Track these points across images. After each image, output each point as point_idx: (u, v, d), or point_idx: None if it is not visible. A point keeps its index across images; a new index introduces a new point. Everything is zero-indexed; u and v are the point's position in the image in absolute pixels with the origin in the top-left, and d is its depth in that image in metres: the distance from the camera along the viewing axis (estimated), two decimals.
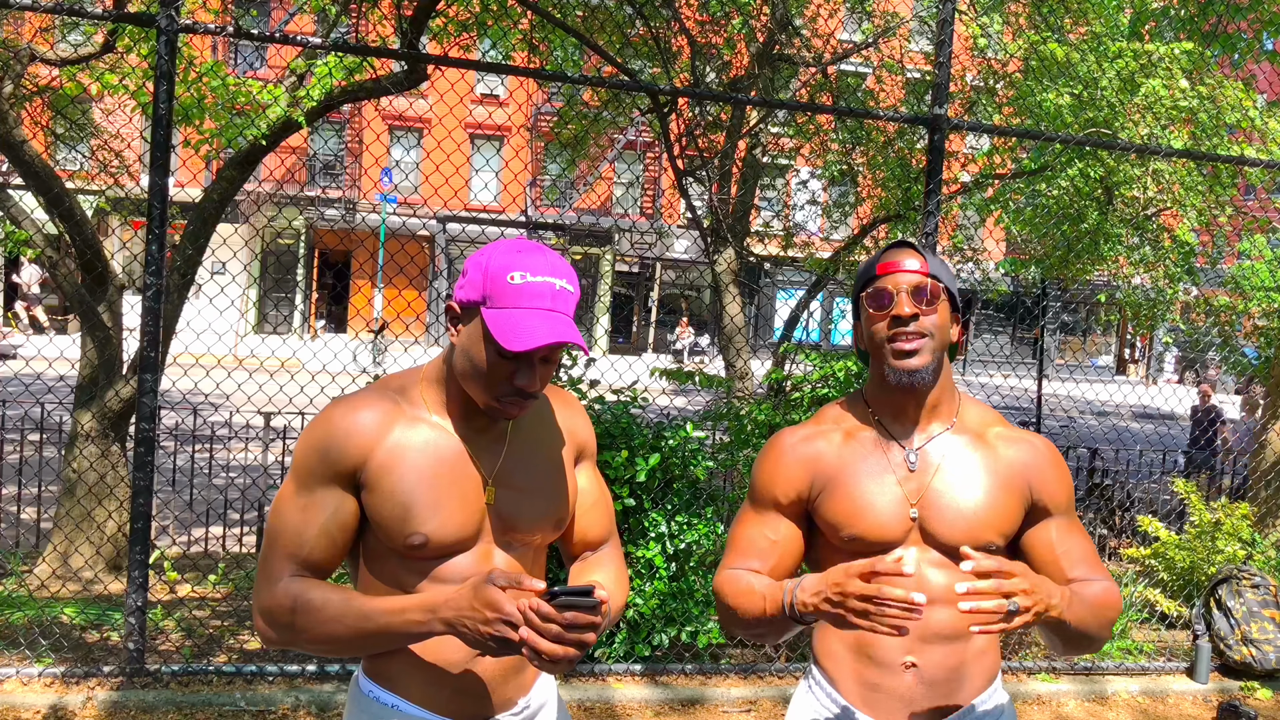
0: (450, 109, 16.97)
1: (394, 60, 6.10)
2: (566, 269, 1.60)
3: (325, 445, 1.62)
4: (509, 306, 1.54)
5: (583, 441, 1.83)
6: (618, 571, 1.81)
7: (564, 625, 1.41)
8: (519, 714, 1.72)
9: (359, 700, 1.71)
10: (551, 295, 1.56)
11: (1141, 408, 18.97)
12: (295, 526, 1.62)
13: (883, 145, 9.20)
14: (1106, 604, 1.72)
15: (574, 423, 1.83)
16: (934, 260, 1.79)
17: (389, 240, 25.40)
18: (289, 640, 1.62)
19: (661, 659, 4.71)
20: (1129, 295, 10.04)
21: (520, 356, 1.56)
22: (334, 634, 1.57)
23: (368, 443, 1.62)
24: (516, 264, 1.56)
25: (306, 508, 1.62)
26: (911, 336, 1.73)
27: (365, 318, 26.50)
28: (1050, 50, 7.27)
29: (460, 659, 1.65)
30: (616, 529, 1.90)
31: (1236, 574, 5.38)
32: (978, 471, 1.78)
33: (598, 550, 1.84)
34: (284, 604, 1.59)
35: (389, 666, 1.67)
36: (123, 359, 5.61)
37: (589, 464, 1.85)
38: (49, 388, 6.74)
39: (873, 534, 1.75)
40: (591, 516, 1.82)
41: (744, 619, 1.73)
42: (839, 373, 4.98)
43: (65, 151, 9.70)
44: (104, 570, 5.47)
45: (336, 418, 1.63)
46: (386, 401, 1.66)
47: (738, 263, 7.96)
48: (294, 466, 1.65)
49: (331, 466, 1.61)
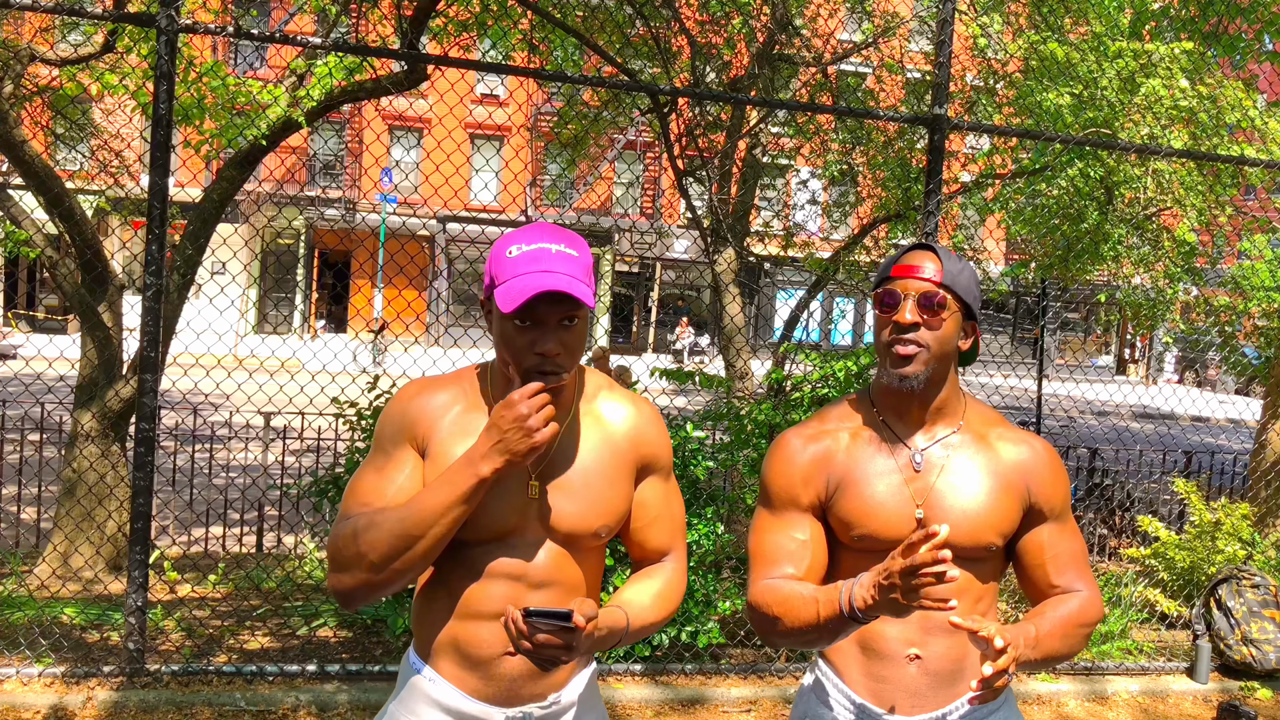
0: (450, 109, 16.99)
1: (394, 60, 6.10)
2: (568, 236, 1.65)
3: (399, 413, 1.73)
4: (509, 277, 1.60)
5: (652, 453, 1.81)
6: (666, 587, 1.81)
7: (535, 645, 1.51)
8: (549, 707, 1.75)
9: (406, 670, 1.80)
10: (547, 258, 1.60)
11: (1141, 408, 18.97)
12: (371, 483, 1.69)
13: (883, 145, 9.20)
14: (1081, 622, 1.77)
15: (645, 433, 1.80)
16: (953, 266, 1.77)
17: (389, 240, 25.42)
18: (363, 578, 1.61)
19: (662, 659, 4.71)
20: (1129, 295, 10.04)
21: (534, 323, 1.60)
22: (395, 535, 1.59)
23: (433, 415, 1.72)
24: (514, 240, 1.64)
25: (383, 467, 1.70)
26: (908, 344, 1.74)
27: (365, 318, 26.51)
28: (1050, 50, 7.26)
29: (494, 649, 1.69)
30: (683, 543, 1.88)
31: (1236, 574, 5.38)
32: (980, 473, 1.80)
33: (657, 563, 1.85)
34: (346, 534, 1.63)
35: (430, 644, 1.74)
36: (123, 359, 5.61)
37: (658, 477, 1.83)
38: (49, 388, 6.74)
39: (882, 533, 1.77)
40: (652, 530, 1.82)
41: (792, 628, 1.68)
42: (839, 373, 4.98)
43: (65, 151, 9.70)
44: (104, 570, 5.47)
45: (411, 392, 1.76)
46: (454, 385, 1.77)
47: (738, 263, 7.95)
48: (373, 441, 1.75)
49: (404, 431, 1.71)
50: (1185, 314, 11.11)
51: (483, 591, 1.68)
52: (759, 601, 1.74)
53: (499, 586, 1.68)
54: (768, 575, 1.78)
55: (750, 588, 1.79)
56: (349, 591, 1.64)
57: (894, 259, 1.80)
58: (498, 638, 1.67)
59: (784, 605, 1.70)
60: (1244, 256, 8.84)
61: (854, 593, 1.58)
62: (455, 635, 1.70)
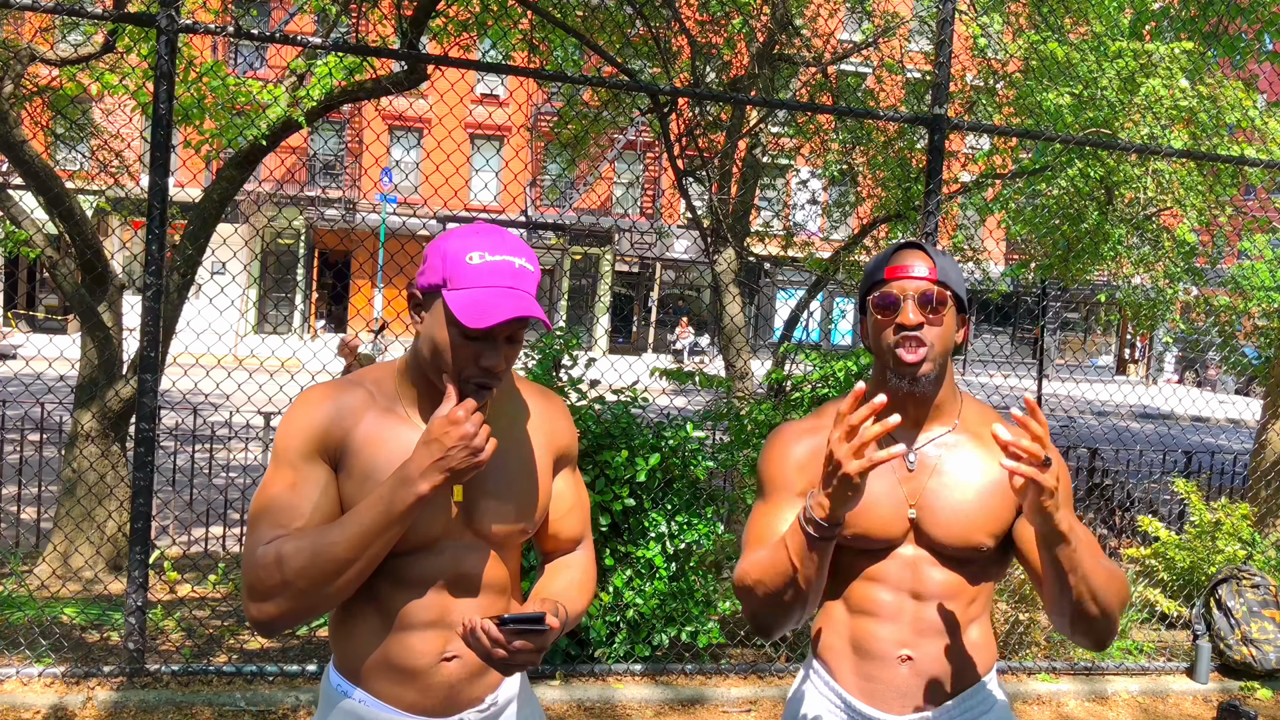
0: (450, 109, 16.99)
1: (394, 60, 6.11)
2: (525, 249, 1.60)
3: (306, 423, 1.61)
4: (469, 286, 1.54)
5: (564, 445, 1.81)
6: (584, 576, 1.81)
7: (510, 650, 1.48)
8: (486, 711, 1.72)
9: (328, 694, 1.71)
10: (511, 273, 1.55)
11: (1141, 408, 18.98)
12: (286, 503, 1.57)
13: (883, 145, 9.20)
14: (1115, 574, 1.67)
15: (556, 425, 1.80)
16: (942, 261, 1.77)
17: (389, 240, 25.41)
18: (288, 606, 1.53)
19: (662, 659, 4.71)
20: (1129, 295, 10.04)
21: (484, 336, 1.55)
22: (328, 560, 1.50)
23: (346, 424, 1.62)
24: (474, 245, 1.56)
25: (294, 484, 1.59)
26: (915, 346, 1.73)
27: (365, 317, 26.51)
28: (1050, 50, 7.26)
29: (429, 659, 1.64)
30: (591, 530, 1.90)
31: (1237, 574, 5.39)
32: (973, 473, 1.80)
33: (570, 552, 1.85)
34: (268, 561, 1.52)
35: (358, 662, 1.66)
36: (123, 359, 5.61)
37: (569, 468, 1.83)
38: (49, 388, 6.74)
39: (875, 532, 1.77)
40: (567, 520, 1.82)
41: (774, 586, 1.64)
42: (839, 373, 4.98)
43: (65, 151, 9.70)
44: (104, 570, 5.47)
45: (316, 398, 1.64)
46: (362, 390, 1.66)
47: (738, 263, 7.95)
48: (275, 452, 1.63)
49: (315, 443, 1.60)
50: (1185, 314, 11.11)
51: (413, 601, 1.63)
52: (741, 576, 1.72)
53: (429, 594, 1.64)
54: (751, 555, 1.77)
55: (736, 571, 1.78)
56: (271, 620, 1.54)
57: (883, 261, 1.79)
58: (432, 646, 1.63)
59: (759, 566, 1.67)
60: (1244, 256, 8.84)
61: (808, 505, 1.56)
62: (387, 650, 1.63)
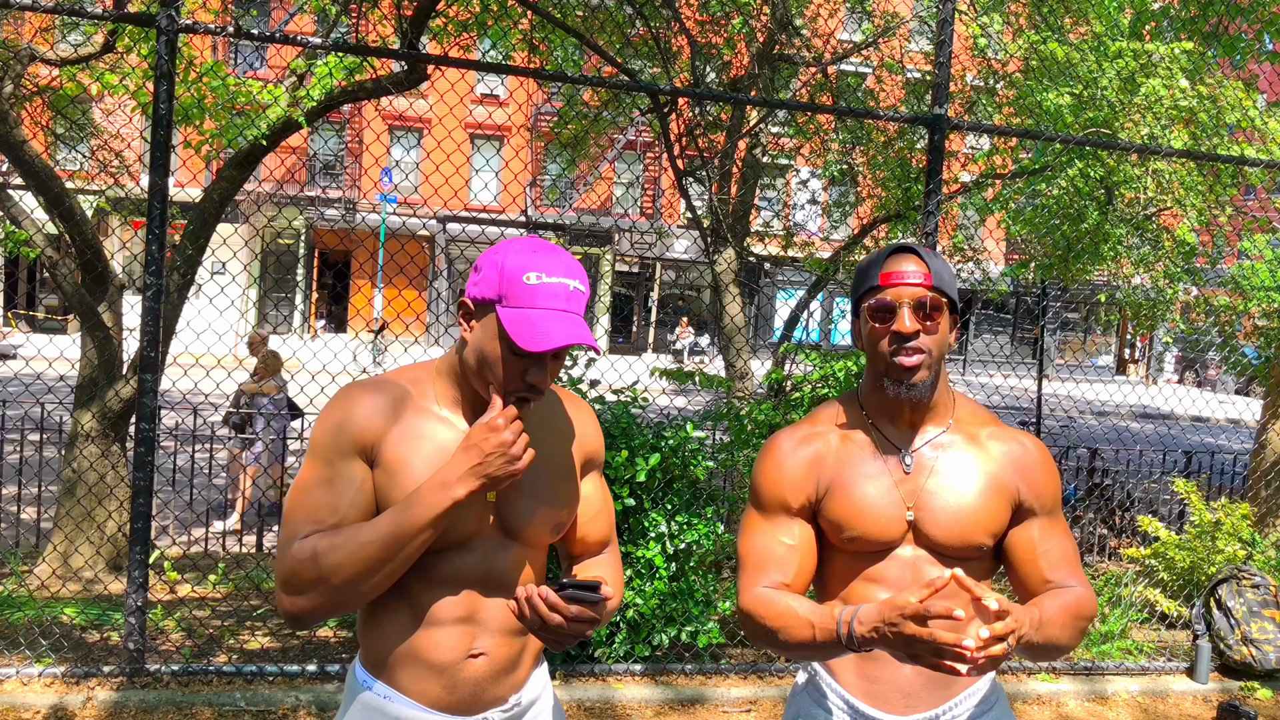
0: (450, 109, 16.98)
1: (394, 60, 6.10)
2: (579, 269, 1.63)
3: (344, 420, 1.64)
4: (525, 306, 1.57)
5: (592, 450, 1.85)
6: (615, 574, 1.87)
7: (568, 617, 1.53)
8: (509, 710, 1.73)
9: (353, 688, 1.73)
10: (566, 296, 1.59)
11: (1141, 408, 18.98)
12: (321, 499, 1.61)
13: (883, 145, 9.20)
14: (1079, 614, 1.72)
15: (585, 430, 1.84)
16: (936, 265, 1.77)
17: (389, 240, 25.41)
18: (321, 600, 1.57)
19: (662, 659, 4.71)
20: (1129, 295, 10.04)
21: (534, 355, 1.59)
22: (363, 559, 1.54)
23: (383, 422, 1.64)
24: (532, 264, 1.58)
25: (331, 481, 1.62)
26: (912, 353, 1.73)
27: (365, 318, 26.51)
28: (1050, 50, 7.26)
29: (455, 655, 1.66)
30: (616, 534, 1.93)
31: (1237, 574, 5.38)
32: (970, 474, 1.80)
33: (598, 555, 1.88)
34: (304, 556, 1.57)
35: (385, 656, 1.69)
36: (123, 359, 5.61)
37: (596, 472, 1.87)
38: (49, 388, 6.74)
39: (873, 535, 1.78)
40: (595, 524, 1.86)
41: (786, 643, 1.69)
42: (839, 373, 4.98)
43: (65, 151, 9.69)
44: (104, 570, 5.47)
45: (355, 395, 1.66)
46: (400, 389, 1.69)
47: (738, 263, 7.95)
48: (312, 448, 1.66)
49: (352, 441, 1.63)
50: (1185, 314, 11.10)
51: (443, 598, 1.66)
52: (753, 612, 1.74)
53: (459, 591, 1.67)
54: (758, 582, 1.78)
55: (741, 594, 1.79)
56: (304, 613, 1.60)
57: (875, 266, 1.78)
58: (460, 643, 1.66)
59: (779, 620, 1.69)
60: (1244, 256, 8.84)
61: (854, 629, 1.57)
62: (414, 645, 1.66)
